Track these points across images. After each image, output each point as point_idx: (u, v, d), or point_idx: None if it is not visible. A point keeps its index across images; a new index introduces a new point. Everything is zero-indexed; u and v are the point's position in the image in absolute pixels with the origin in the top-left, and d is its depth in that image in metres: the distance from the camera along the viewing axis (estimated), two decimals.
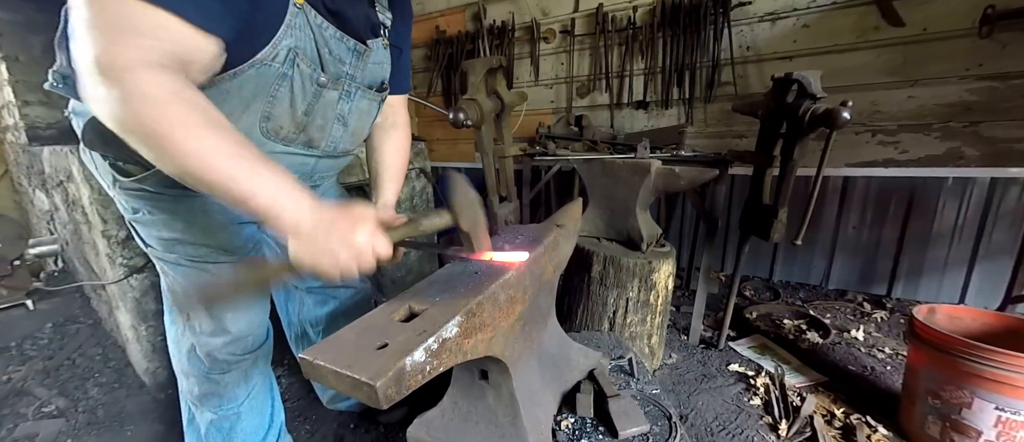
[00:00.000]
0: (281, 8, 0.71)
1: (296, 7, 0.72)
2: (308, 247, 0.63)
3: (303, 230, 0.62)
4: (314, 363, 0.57)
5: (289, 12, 0.72)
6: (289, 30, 0.73)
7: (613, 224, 1.78)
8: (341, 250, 0.63)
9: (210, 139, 0.57)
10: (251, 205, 0.60)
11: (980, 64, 1.98)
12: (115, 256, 1.55)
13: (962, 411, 1.23)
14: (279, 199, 0.61)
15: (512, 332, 0.84)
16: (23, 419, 1.65)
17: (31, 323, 2.39)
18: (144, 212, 0.90)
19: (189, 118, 0.56)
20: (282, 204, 0.61)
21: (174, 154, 0.56)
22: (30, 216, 3.24)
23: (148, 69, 0.54)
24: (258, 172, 0.60)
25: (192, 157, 0.56)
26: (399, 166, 1.09)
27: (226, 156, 0.58)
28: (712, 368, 1.82)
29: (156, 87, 0.54)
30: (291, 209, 0.62)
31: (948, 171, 2.17)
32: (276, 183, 0.61)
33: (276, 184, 0.61)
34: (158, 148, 0.56)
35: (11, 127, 2.73)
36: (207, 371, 1.09)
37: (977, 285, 2.23)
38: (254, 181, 0.59)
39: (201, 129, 0.56)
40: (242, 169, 0.58)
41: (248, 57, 0.71)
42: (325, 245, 0.63)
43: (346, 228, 0.64)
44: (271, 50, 0.72)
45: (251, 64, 0.71)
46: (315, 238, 0.63)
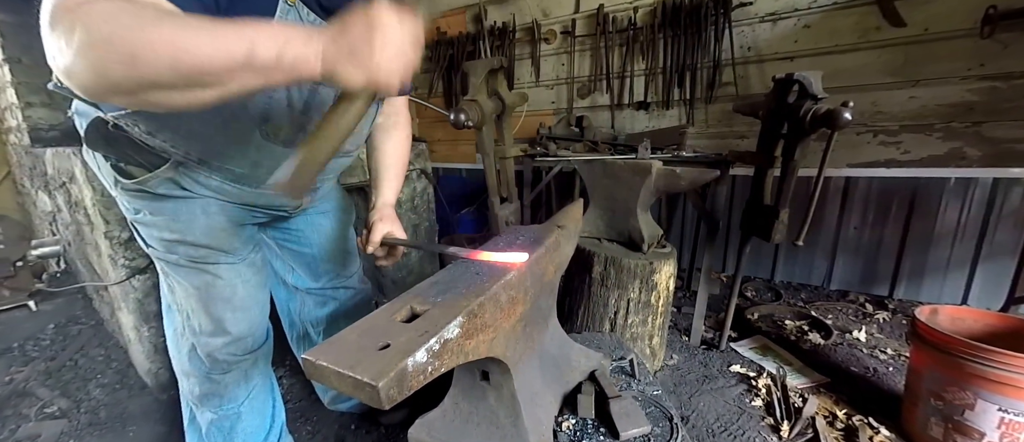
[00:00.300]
0: (270, 6, 0.70)
1: (287, 5, 0.72)
2: (344, 60, 0.55)
3: (326, 49, 0.55)
4: (317, 364, 0.57)
5: (280, 10, 0.71)
6: None
7: (614, 225, 1.78)
8: (374, 36, 0.56)
9: (184, 25, 0.52)
10: (260, 61, 0.53)
11: (982, 64, 1.98)
12: (117, 257, 1.55)
13: (965, 413, 1.23)
14: (282, 37, 0.54)
15: (513, 333, 0.84)
16: (25, 420, 1.65)
17: (34, 324, 2.40)
18: (145, 213, 0.91)
19: (152, 16, 0.51)
20: (288, 42, 0.54)
21: (161, 55, 0.50)
22: (33, 217, 3.25)
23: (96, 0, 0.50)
24: (247, 28, 0.53)
25: (180, 47, 0.50)
26: (399, 166, 1.09)
27: (209, 31, 0.52)
28: (713, 369, 1.82)
29: (106, 4, 0.50)
30: (301, 40, 0.55)
31: (950, 171, 2.16)
32: (271, 29, 0.55)
33: (272, 30, 0.55)
34: (142, 58, 0.50)
35: (14, 129, 2.74)
36: (207, 371, 1.09)
37: (980, 286, 2.23)
38: (249, 38, 0.53)
39: (170, 21, 0.52)
40: (231, 34, 0.53)
41: None
42: (357, 45, 0.55)
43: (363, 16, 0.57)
44: None
45: None
46: (340, 48, 0.55)
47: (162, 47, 0.50)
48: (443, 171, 3.89)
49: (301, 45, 0.54)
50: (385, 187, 1.05)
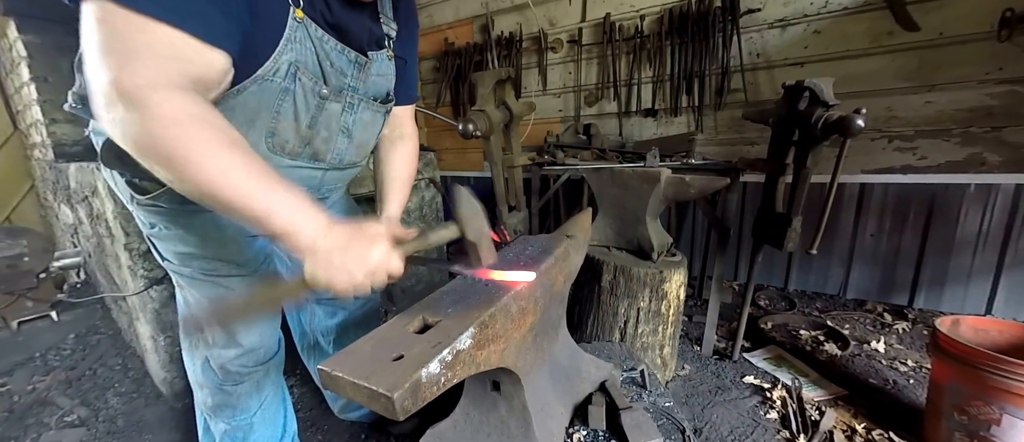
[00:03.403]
0: (280, 23, 0.72)
1: (296, 21, 0.73)
2: (324, 266, 0.63)
3: (319, 249, 0.62)
4: (333, 374, 0.58)
5: (289, 26, 0.73)
6: (289, 44, 0.74)
7: (623, 233, 1.77)
8: (356, 270, 0.64)
9: (227, 159, 0.57)
10: (267, 224, 0.60)
11: (1000, 68, 1.94)
12: (136, 268, 1.59)
13: (991, 428, 1.18)
14: (295, 218, 0.61)
15: (524, 343, 0.84)
16: (46, 428, 1.69)
17: (55, 334, 2.46)
18: (160, 227, 0.93)
19: (207, 138, 0.56)
20: (298, 223, 0.62)
21: (192, 175, 0.56)
22: (55, 230, 3.35)
23: (165, 90, 0.54)
24: (274, 191, 0.60)
25: (210, 177, 0.56)
26: (405, 177, 1.09)
27: (243, 176, 0.58)
28: (726, 380, 1.79)
29: (173, 108, 0.54)
30: (307, 229, 0.62)
31: (970, 177, 2.11)
32: (292, 202, 0.62)
33: (292, 203, 0.62)
34: (175, 169, 0.56)
35: (38, 144, 2.84)
36: (220, 383, 1.11)
37: (1004, 295, 2.16)
38: (271, 200, 0.60)
39: (219, 149, 0.57)
40: (259, 189, 0.59)
41: (250, 73, 0.72)
42: (341, 265, 0.63)
43: (361, 248, 0.65)
44: (272, 65, 0.73)
45: (253, 80, 0.72)
46: (331, 258, 0.63)
47: (198, 175, 0.56)
48: (451, 180, 3.92)
49: (304, 237, 0.62)
50: (391, 200, 1.05)
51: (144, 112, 0.54)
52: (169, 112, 0.54)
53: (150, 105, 0.53)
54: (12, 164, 3.74)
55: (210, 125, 0.57)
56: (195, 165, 0.56)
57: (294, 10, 0.73)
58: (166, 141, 0.55)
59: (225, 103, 0.73)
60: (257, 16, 0.67)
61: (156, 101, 0.54)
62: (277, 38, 0.72)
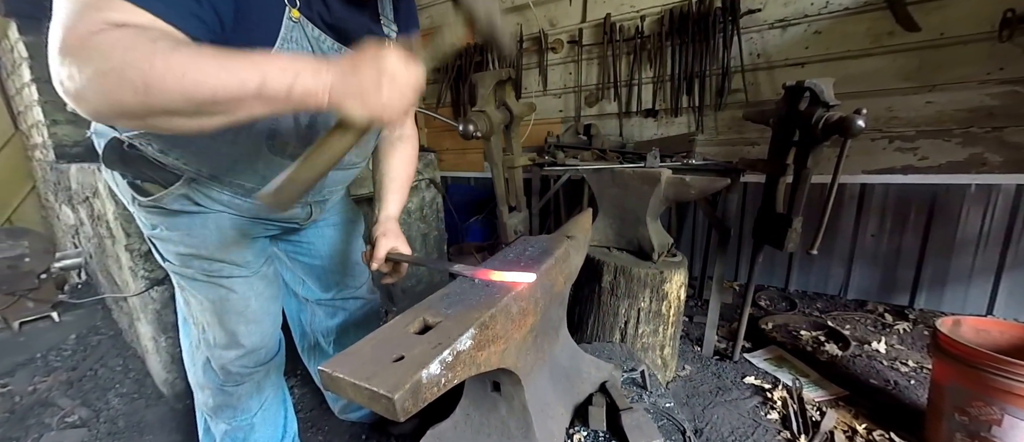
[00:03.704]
0: (275, 22, 0.72)
1: (291, 21, 0.73)
2: (351, 97, 0.58)
3: (333, 82, 0.57)
4: (333, 375, 0.58)
5: (284, 26, 0.72)
6: (285, 45, 0.73)
7: (623, 233, 1.77)
8: (382, 80, 0.58)
9: (195, 55, 0.53)
10: (271, 92, 0.54)
11: (1001, 68, 1.94)
12: (137, 269, 1.59)
13: (992, 429, 1.18)
14: (293, 69, 0.56)
15: (524, 344, 0.84)
16: (48, 429, 1.69)
17: (56, 335, 2.46)
18: (162, 228, 0.93)
19: (165, 46, 0.52)
20: (299, 73, 0.56)
21: (173, 84, 0.51)
22: (56, 230, 3.35)
23: (111, 29, 0.51)
24: (259, 60, 0.55)
25: (190, 76, 0.51)
26: (404, 178, 1.09)
27: (220, 60, 0.53)
28: (727, 381, 1.79)
29: (122, 35, 0.51)
30: (310, 72, 0.56)
31: (971, 178, 2.11)
32: (282, 61, 0.57)
33: (282, 62, 0.56)
34: (153, 87, 0.50)
35: (40, 145, 2.85)
36: (221, 383, 1.11)
37: (1005, 296, 2.16)
38: (261, 69, 0.54)
39: (182, 51, 0.52)
40: (242, 64, 0.54)
41: None
42: (364, 84, 0.58)
43: (374, 61, 0.59)
44: None
45: None
46: (347, 85, 0.58)
47: (175, 77, 0.51)
48: (452, 180, 3.92)
49: (310, 78, 0.56)
50: (389, 201, 1.05)
51: (97, 51, 0.50)
52: (119, 39, 0.50)
53: (100, 43, 0.50)
54: (13, 165, 3.74)
55: (151, 37, 0.52)
56: (168, 72, 0.50)
57: (290, 10, 0.72)
58: (128, 65, 0.50)
59: None
60: (251, 16, 0.67)
61: (105, 36, 0.50)
62: (273, 38, 0.72)
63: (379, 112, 0.60)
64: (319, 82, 0.57)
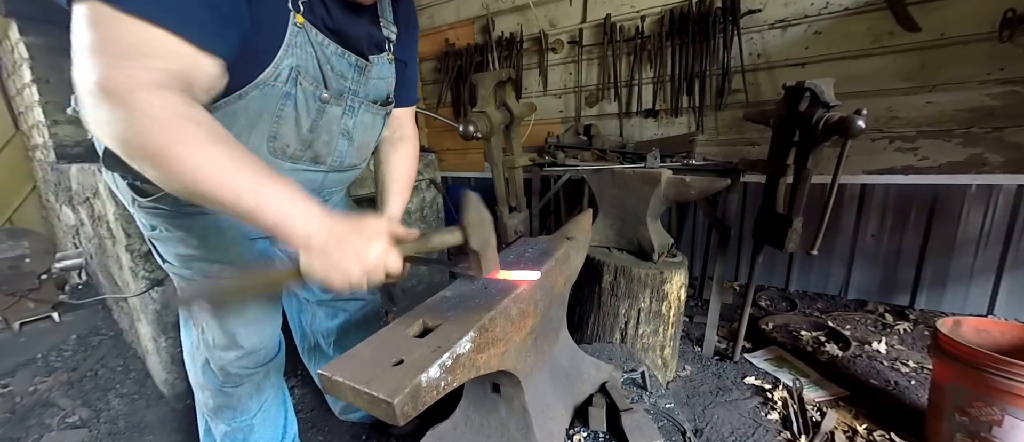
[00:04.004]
0: (281, 28, 0.72)
1: (296, 26, 0.73)
2: (319, 261, 0.62)
3: (314, 244, 0.61)
4: (333, 379, 0.58)
5: (289, 32, 0.73)
6: (290, 49, 0.74)
7: (623, 234, 1.77)
8: (353, 266, 0.63)
9: (213, 155, 0.57)
10: (259, 219, 0.59)
11: (1001, 68, 1.93)
12: (137, 269, 1.59)
13: (992, 429, 1.18)
14: (286, 212, 0.60)
15: (524, 346, 0.84)
16: (48, 429, 1.69)
17: (57, 335, 2.46)
18: (161, 229, 0.93)
19: (192, 135, 0.56)
20: (291, 218, 0.60)
21: (178, 172, 0.56)
22: (56, 231, 3.36)
23: (151, 90, 0.54)
24: (264, 185, 0.59)
25: (196, 174, 0.56)
26: (406, 179, 1.10)
27: (231, 171, 0.57)
28: (727, 381, 1.79)
29: (159, 106, 0.54)
30: (301, 222, 0.61)
31: (971, 178, 2.11)
32: (283, 196, 0.61)
33: (283, 197, 0.61)
34: (162, 167, 0.56)
35: (40, 145, 2.85)
36: (221, 384, 1.11)
37: (1006, 296, 2.15)
38: (261, 194, 0.59)
39: (204, 146, 0.56)
40: (247, 183, 0.58)
41: (251, 78, 0.72)
42: (337, 260, 0.62)
43: (359, 244, 0.63)
44: (273, 70, 0.73)
45: (255, 85, 0.73)
46: (327, 253, 0.62)
47: (185, 171, 0.56)
48: (452, 180, 3.92)
49: (297, 230, 0.61)
50: (392, 201, 1.05)
51: (128, 111, 0.53)
52: (153, 110, 0.53)
53: (135, 104, 0.53)
54: (14, 165, 3.75)
55: (195, 122, 0.57)
56: (180, 162, 0.55)
57: (294, 16, 0.73)
58: (150, 139, 0.54)
59: (227, 108, 0.73)
60: (258, 23, 0.68)
61: (141, 100, 0.53)
62: (278, 44, 0.72)
63: (334, 286, 0.64)
64: (301, 235, 0.61)
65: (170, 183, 0.58)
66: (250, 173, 0.59)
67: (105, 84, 0.52)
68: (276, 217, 0.60)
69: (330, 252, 0.62)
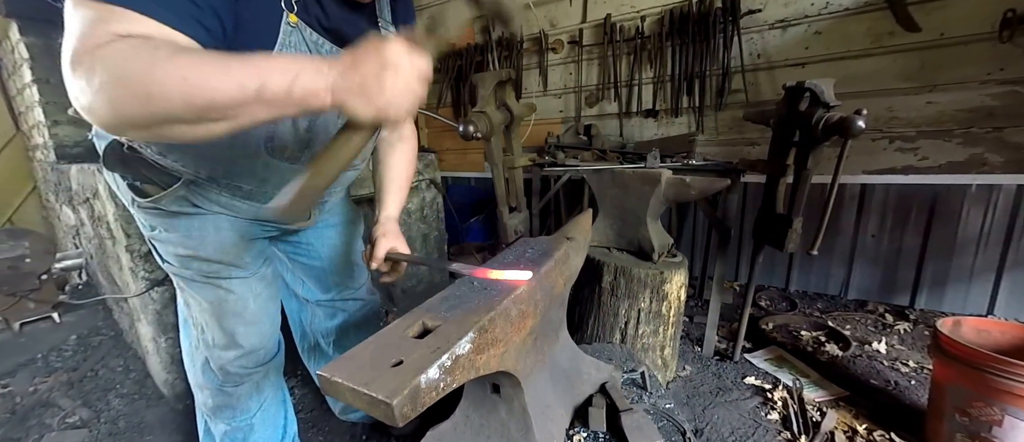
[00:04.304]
0: (273, 28, 0.72)
1: (289, 26, 0.73)
2: (354, 94, 0.56)
3: (335, 81, 0.55)
4: (332, 380, 0.58)
5: (282, 32, 0.73)
6: (283, 49, 0.73)
7: (623, 234, 1.77)
8: (385, 72, 0.56)
9: (194, 62, 0.53)
10: (270, 89, 0.53)
11: (1001, 68, 1.93)
12: (137, 270, 1.59)
13: (993, 429, 1.18)
14: (291, 67, 0.55)
15: (524, 346, 0.84)
16: (49, 429, 1.69)
17: (57, 335, 2.46)
18: (161, 230, 0.93)
19: (165, 54, 0.52)
20: (296, 71, 0.54)
21: (172, 92, 0.51)
22: (57, 231, 3.36)
23: (113, 40, 0.52)
24: (255, 60, 0.54)
25: (188, 82, 0.51)
26: (404, 178, 1.10)
27: (217, 65, 0.53)
28: (727, 381, 1.79)
29: (125, 46, 0.52)
30: (309, 68, 0.55)
31: (971, 178, 2.11)
32: (277, 60, 0.56)
33: (278, 61, 0.56)
34: (156, 97, 0.51)
35: (41, 146, 2.85)
36: (220, 384, 1.11)
37: (1006, 296, 2.15)
38: (258, 66, 0.53)
39: (176, 56, 0.53)
40: (241, 66, 0.53)
41: None
42: (376, 79, 0.56)
43: (375, 51, 0.57)
44: None
45: None
46: (349, 83, 0.55)
47: (174, 84, 0.51)
48: (452, 180, 3.92)
49: (311, 78, 0.54)
50: (389, 201, 1.05)
51: (100, 64, 0.51)
52: (120, 50, 0.51)
53: (105, 56, 0.51)
54: (14, 166, 3.75)
55: (153, 45, 0.53)
56: (165, 82, 0.51)
57: (287, 15, 0.73)
58: (129, 78, 0.51)
59: None
60: (249, 23, 0.67)
61: (102, 53, 0.51)
62: (271, 44, 0.72)
63: (384, 108, 0.57)
64: (320, 81, 0.55)
65: (171, 108, 0.52)
66: (239, 60, 0.54)
67: (78, 50, 0.52)
68: (285, 81, 0.53)
69: (353, 80, 0.55)
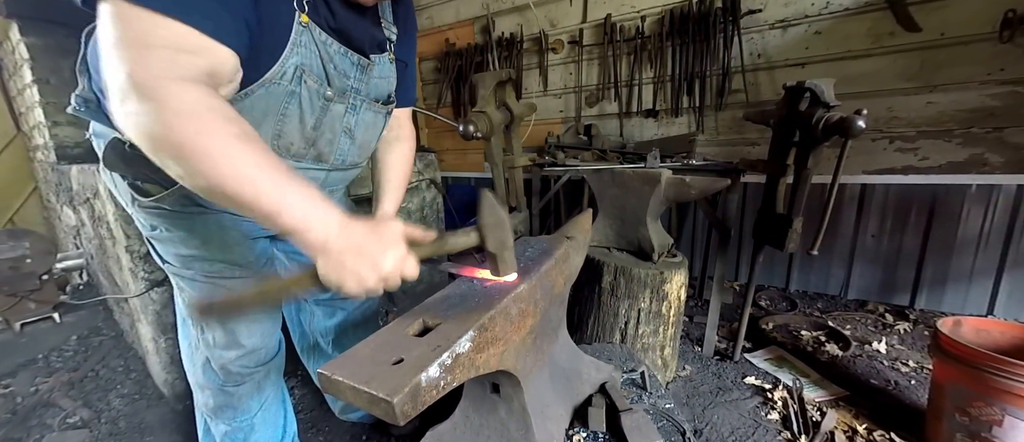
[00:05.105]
0: (286, 28, 0.73)
1: (301, 25, 0.74)
2: (335, 267, 0.61)
3: (332, 249, 0.61)
4: (332, 378, 0.58)
5: (294, 31, 0.74)
6: (295, 48, 0.75)
7: (623, 234, 1.77)
8: (369, 273, 0.62)
9: (238, 153, 0.57)
10: (278, 221, 0.59)
11: (1002, 69, 1.93)
12: (137, 270, 1.60)
13: (993, 429, 1.18)
14: (307, 215, 0.60)
15: (524, 346, 0.84)
16: (49, 430, 1.70)
17: (58, 336, 2.47)
18: (162, 229, 0.93)
19: (220, 130, 0.56)
20: (310, 220, 0.60)
21: (204, 169, 0.56)
22: (57, 231, 3.36)
23: (179, 82, 0.55)
24: (286, 186, 0.59)
25: (221, 170, 0.56)
26: (401, 178, 1.10)
27: (254, 170, 0.57)
28: (727, 381, 1.79)
29: (188, 99, 0.55)
30: (319, 226, 0.60)
31: (971, 178, 2.11)
32: (305, 198, 0.60)
33: (305, 199, 0.60)
34: (187, 162, 0.56)
35: (41, 146, 2.85)
36: (221, 384, 1.11)
37: (1006, 296, 2.15)
38: (282, 196, 0.59)
39: (232, 141, 0.57)
40: (270, 183, 0.58)
41: (257, 77, 0.72)
42: (353, 267, 0.61)
43: (376, 250, 0.63)
44: (279, 68, 0.74)
45: (260, 84, 0.73)
46: (343, 259, 0.61)
47: (210, 169, 0.56)
48: (452, 180, 3.93)
49: (316, 232, 0.60)
50: (386, 200, 1.06)
51: (158, 104, 0.54)
52: (183, 103, 0.55)
53: (165, 96, 0.54)
54: (15, 166, 3.75)
55: (223, 118, 0.57)
56: (206, 157, 0.55)
57: (299, 15, 0.74)
58: (179, 132, 0.55)
59: (233, 106, 0.74)
60: (264, 22, 0.68)
61: (171, 92, 0.54)
62: (284, 43, 0.73)
63: (350, 292, 0.63)
64: (320, 244, 0.61)
65: (193, 179, 0.57)
66: (272, 174, 0.58)
67: (134, 77, 0.54)
68: (295, 221, 0.60)
69: (345, 259, 0.61)
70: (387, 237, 0.65)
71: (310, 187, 0.62)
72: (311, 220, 0.60)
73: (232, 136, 0.57)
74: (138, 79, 0.54)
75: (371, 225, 0.65)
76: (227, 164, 0.56)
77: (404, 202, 2.37)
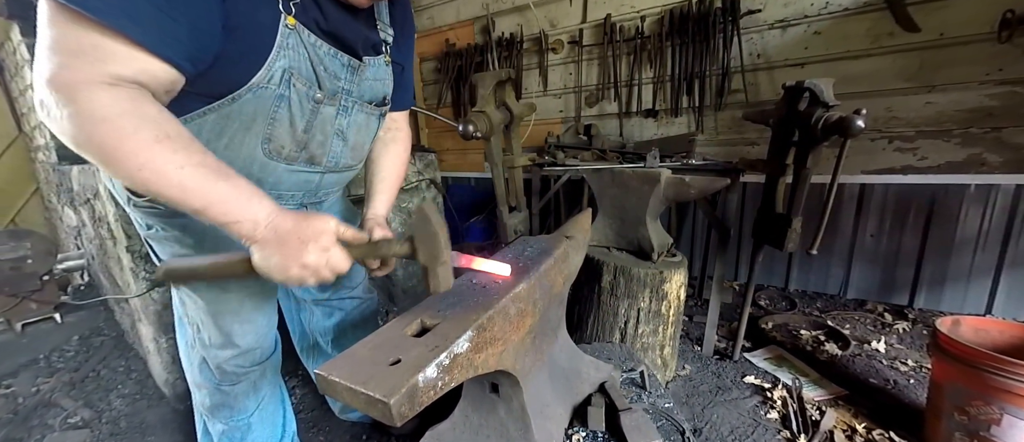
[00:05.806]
0: (270, 30, 0.72)
1: (287, 28, 0.74)
2: (264, 257, 0.66)
3: (259, 240, 0.65)
4: (329, 379, 0.58)
5: (280, 34, 0.73)
6: (282, 51, 0.74)
7: (623, 233, 1.78)
8: (292, 264, 0.66)
9: (159, 154, 0.58)
10: (208, 215, 0.62)
11: (1000, 69, 1.94)
12: (138, 270, 1.60)
13: (991, 428, 1.18)
14: (233, 210, 0.63)
15: (522, 345, 0.84)
16: (50, 430, 1.70)
17: (59, 336, 2.47)
18: (157, 229, 0.93)
19: (137, 133, 0.57)
20: (236, 215, 0.63)
21: (126, 171, 0.58)
22: (59, 232, 3.37)
23: (100, 88, 0.55)
24: (214, 182, 0.61)
25: (143, 172, 0.58)
26: (393, 179, 1.10)
27: (177, 169, 0.59)
28: (727, 380, 1.79)
29: (106, 104, 0.55)
30: (247, 220, 0.64)
31: (970, 178, 2.11)
32: (232, 193, 0.63)
33: (231, 194, 0.63)
34: (110, 164, 0.58)
35: (42, 147, 2.86)
36: (217, 383, 1.11)
37: (1004, 295, 2.15)
38: (209, 192, 0.61)
39: (150, 143, 0.57)
40: (193, 180, 0.60)
41: (244, 81, 0.72)
42: (280, 258, 0.65)
43: (297, 245, 0.66)
44: (265, 72, 0.73)
45: (247, 88, 0.73)
46: (270, 252, 0.65)
47: (133, 170, 0.57)
48: (452, 180, 3.93)
49: (243, 228, 0.64)
50: (377, 200, 1.06)
51: (74, 108, 0.55)
52: (100, 108, 0.55)
53: (80, 101, 0.54)
54: (17, 167, 3.76)
55: (141, 119, 0.57)
56: (127, 160, 0.57)
57: (285, 17, 0.73)
58: (96, 137, 0.56)
59: (220, 110, 0.74)
60: (247, 26, 0.68)
61: (88, 97, 0.55)
62: (269, 46, 0.72)
63: (278, 280, 0.67)
64: (248, 236, 0.65)
65: (124, 181, 0.61)
66: (197, 171, 0.60)
67: (54, 80, 0.54)
68: (222, 216, 0.63)
69: (273, 250, 0.65)
70: (310, 231, 0.67)
71: (239, 181, 0.64)
72: (237, 214, 0.63)
73: (150, 139, 0.58)
74: (58, 82, 0.54)
75: (299, 218, 0.67)
76: (149, 166, 0.58)
77: (404, 202, 2.38)
